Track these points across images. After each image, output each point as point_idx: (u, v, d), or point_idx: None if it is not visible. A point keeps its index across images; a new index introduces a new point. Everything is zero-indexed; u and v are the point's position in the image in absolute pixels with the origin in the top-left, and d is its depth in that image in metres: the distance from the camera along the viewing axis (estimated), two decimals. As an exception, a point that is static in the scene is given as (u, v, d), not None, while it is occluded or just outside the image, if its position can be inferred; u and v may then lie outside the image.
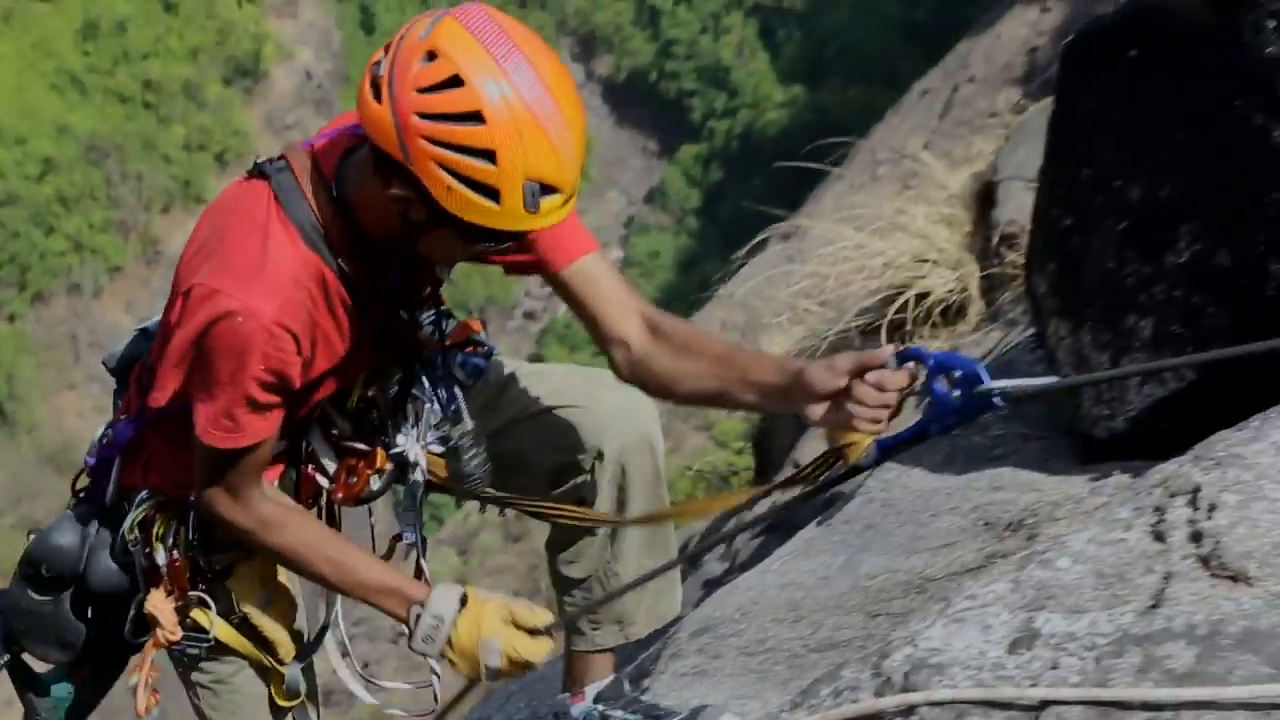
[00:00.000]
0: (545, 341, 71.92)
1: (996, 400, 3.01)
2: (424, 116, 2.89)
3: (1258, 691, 2.28)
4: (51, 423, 54.91)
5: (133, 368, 3.72)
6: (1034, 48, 16.33)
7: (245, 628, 3.51)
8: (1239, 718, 2.27)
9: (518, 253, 3.48)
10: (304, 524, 3.41)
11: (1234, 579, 2.54)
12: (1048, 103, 6.10)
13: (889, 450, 3.23)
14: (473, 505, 4.02)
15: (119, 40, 63.52)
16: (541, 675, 6.06)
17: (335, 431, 3.61)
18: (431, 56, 2.91)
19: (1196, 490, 2.76)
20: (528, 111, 2.91)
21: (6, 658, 3.64)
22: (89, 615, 3.55)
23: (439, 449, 3.66)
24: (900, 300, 7.91)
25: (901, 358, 3.10)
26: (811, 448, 7.70)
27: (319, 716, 3.87)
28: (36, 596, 3.50)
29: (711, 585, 5.82)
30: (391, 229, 3.22)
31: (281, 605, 3.63)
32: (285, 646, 3.58)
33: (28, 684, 3.68)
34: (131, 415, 3.55)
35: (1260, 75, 4.27)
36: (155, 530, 3.44)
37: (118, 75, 63.05)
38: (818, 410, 3.14)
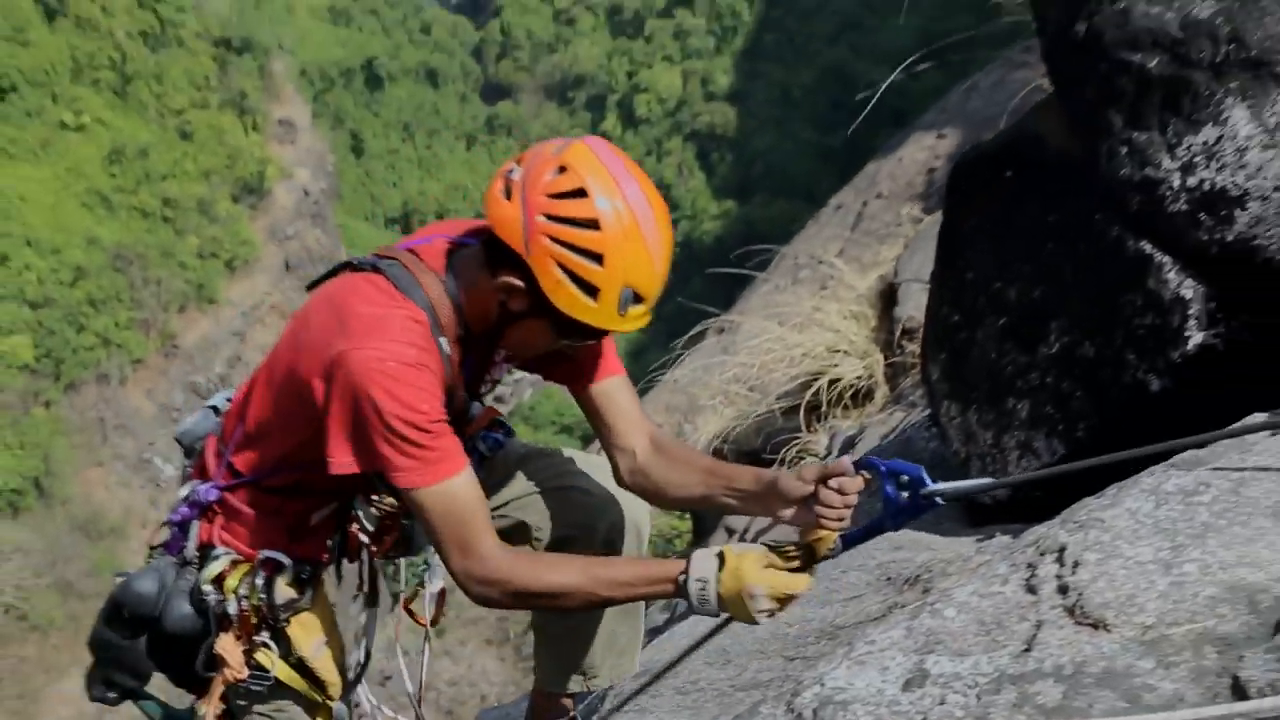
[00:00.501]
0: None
1: (939, 500, 3.13)
2: (549, 217, 2.96)
3: (1115, 723, 2.30)
4: (82, 496, 54.39)
5: (203, 440, 3.70)
6: (932, 169, 16.46)
7: (301, 668, 3.49)
8: (1100, 749, 2.29)
9: (564, 363, 3.54)
10: (551, 560, 3.44)
11: (1094, 626, 2.55)
12: (940, 215, 6.16)
13: (851, 542, 3.28)
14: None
15: (141, 164, 63.46)
16: (508, 714, 6.04)
17: (375, 495, 3.54)
18: (562, 170, 3.00)
19: (1063, 549, 2.78)
20: (636, 228, 3.00)
21: (114, 695, 3.65)
22: (161, 652, 3.54)
23: None
24: (816, 385, 7.97)
25: (858, 466, 3.17)
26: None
27: None
28: (116, 635, 3.51)
29: (653, 633, 5.80)
30: (487, 319, 3.27)
31: (333, 650, 3.61)
32: (334, 685, 3.58)
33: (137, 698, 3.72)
34: (214, 480, 3.52)
35: (1116, 195, 4.33)
36: (228, 583, 3.41)
37: (140, 194, 62.96)
38: (789, 512, 3.24)
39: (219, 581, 3.43)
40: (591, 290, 3.00)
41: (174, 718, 3.78)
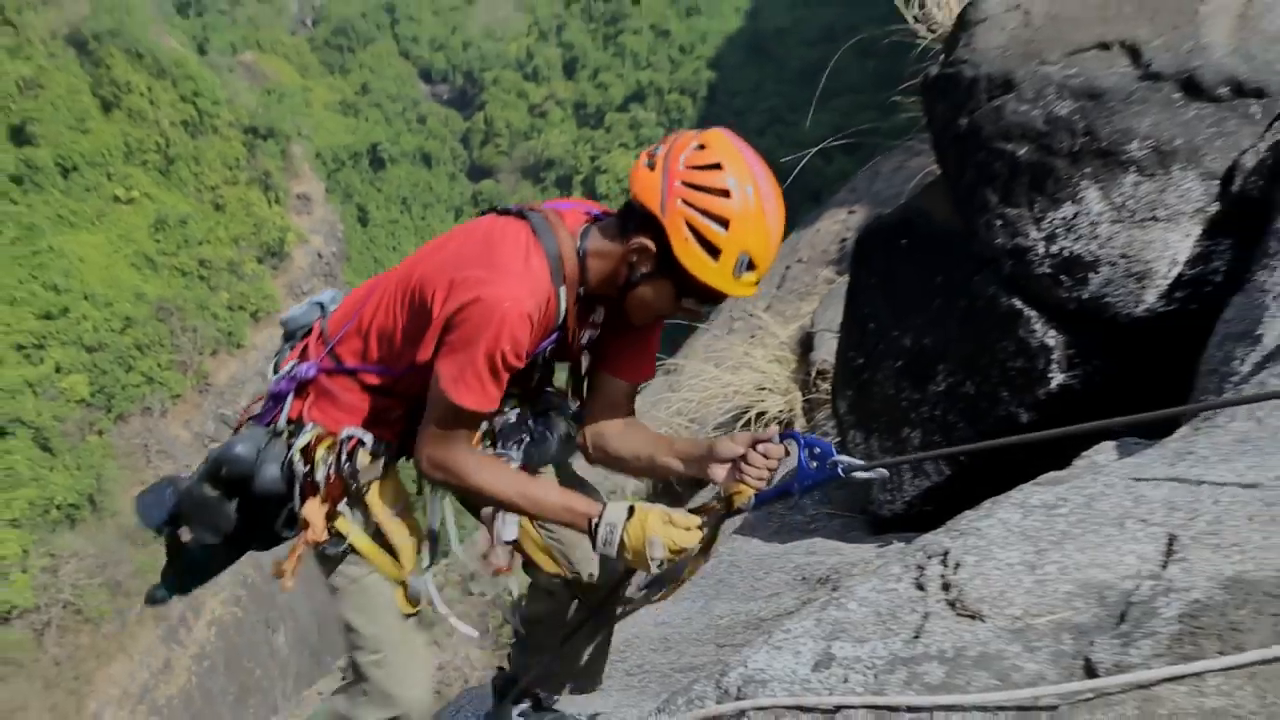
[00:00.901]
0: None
1: (840, 471, 3.09)
2: (686, 184, 2.90)
3: (988, 698, 2.31)
4: (128, 510, 53.96)
5: (306, 329, 3.57)
6: (843, 238, 16.51)
7: (377, 538, 3.34)
8: (975, 717, 2.31)
9: (625, 352, 3.45)
10: (496, 467, 3.24)
11: (972, 617, 2.56)
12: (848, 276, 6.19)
13: (762, 501, 3.21)
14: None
15: (181, 231, 63.25)
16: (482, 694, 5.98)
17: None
18: (701, 147, 2.95)
19: (946, 553, 2.78)
20: (760, 203, 2.93)
21: (168, 530, 3.50)
22: (247, 511, 3.39)
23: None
24: (746, 417, 7.96)
25: (782, 437, 3.17)
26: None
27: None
28: (210, 491, 3.38)
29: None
30: (610, 280, 3.17)
31: (407, 522, 3.43)
32: (407, 557, 3.37)
33: (174, 552, 3.55)
34: (313, 363, 3.41)
35: (991, 260, 4.37)
36: (316, 454, 3.30)
37: (180, 256, 62.74)
38: (720, 471, 3.20)
39: (307, 452, 3.32)
40: (714, 251, 2.92)
41: (207, 573, 3.66)
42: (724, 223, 2.90)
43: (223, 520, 3.41)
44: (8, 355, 53.69)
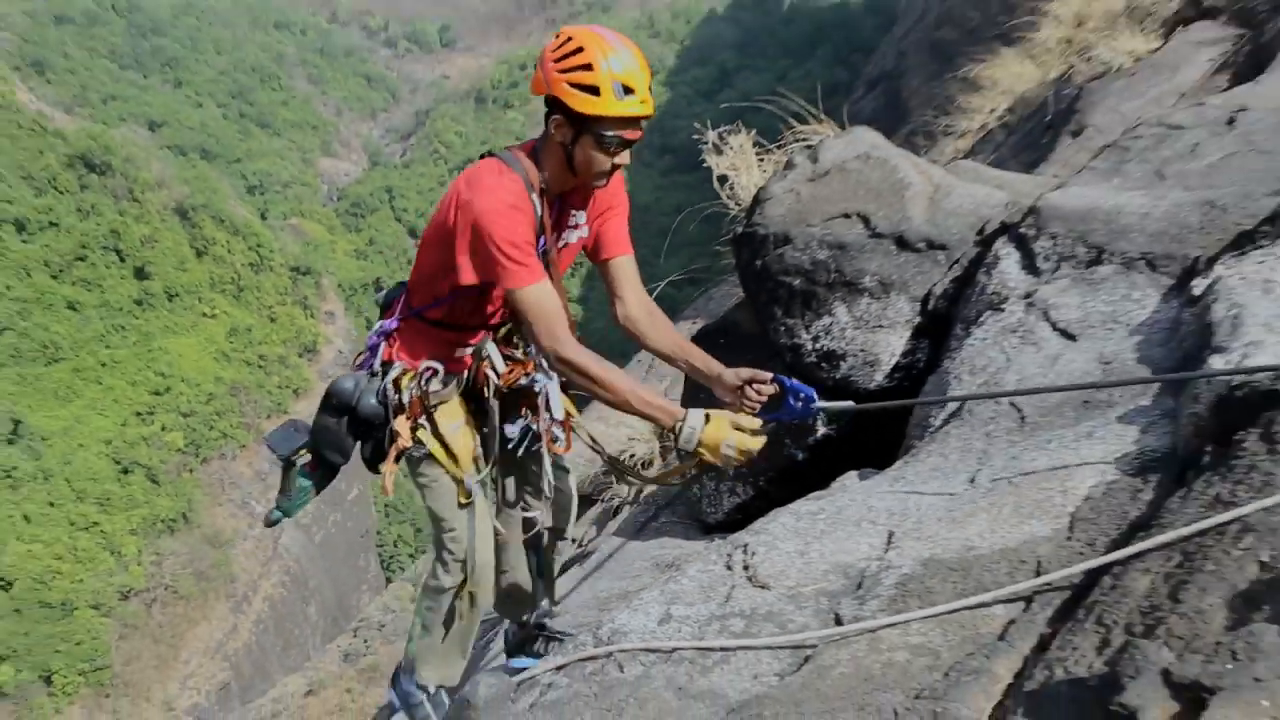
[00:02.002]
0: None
1: (815, 408, 2.89)
2: (554, 60, 2.66)
3: (772, 640, 2.30)
4: (209, 523, 53.02)
5: (393, 300, 3.27)
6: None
7: (443, 444, 3.10)
8: (764, 656, 2.30)
9: (606, 230, 3.11)
10: (602, 361, 2.89)
11: (763, 587, 2.57)
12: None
13: (763, 419, 2.93)
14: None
15: (247, 336, 62.22)
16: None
17: (503, 348, 3.22)
18: (555, 36, 2.72)
19: (747, 545, 2.79)
20: (607, 42, 2.64)
21: (307, 455, 3.23)
22: (354, 430, 3.14)
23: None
24: (622, 457, 7.90)
25: (774, 379, 2.95)
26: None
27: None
28: (332, 420, 3.14)
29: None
30: (561, 170, 2.86)
31: (466, 434, 3.17)
32: (465, 462, 3.12)
33: (288, 482, 3.27)
34: (393, 317, 3.18)
35: (777, 352, 4.42)
36: (401, 383, 3.08)
37: (246, 353, 61.64)
38: (727, 395, 2.99)
39: (396, 383, 3.10)
40: (594, 89, 2.62)
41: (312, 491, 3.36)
42: (588, 67, 2.63)
43: (345, 443, 3.19)
44: (130, 419, 54.14)
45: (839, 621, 2.29)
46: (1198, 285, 2.90)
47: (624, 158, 2.80)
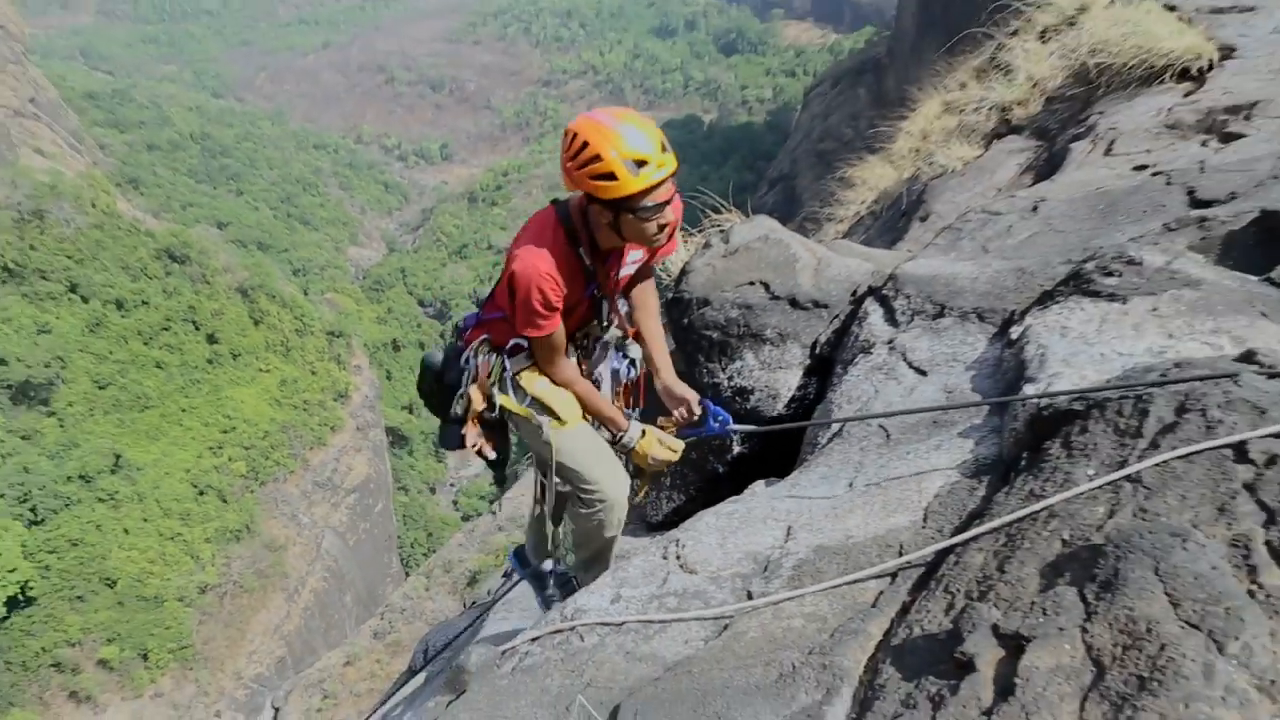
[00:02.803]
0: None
1: (730, 428, 2.91)
2: (572, 162, 2.38)
3: (701, 613, 2.27)
4: (266, 532, 52.10)
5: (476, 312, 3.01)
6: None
7: (536, 404, 2.78)
8: (693, 626, 2.26)
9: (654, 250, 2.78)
10: (579, 377, 2.78)
11: (692, 572, 2.53)
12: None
13: (685, 434, 2.91)
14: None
15: (294, 386, 60.77)
16: (452, 625, 5.59)
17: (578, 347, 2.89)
18: (565, 136, 2.43)
19: (679, 539, 2.75)
20: (609, 130, 2.34)
21: (456, 443, 2.90)
22: (447, 394, 2.86)
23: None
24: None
25: (702, 403, 2.91)
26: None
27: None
28: (425, 382, 2.94)
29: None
30: (613, 238, 2.58)
31: (561, 391, 2.78)
32: (569, 412, 2.78)
33: (443, 418, 2.97)
34: (478, 312, 2.89)
35: (701, 389, 4.39)
36: (478, 359, 2.81)
37: (294, 399, 60.15)
38: (665, 401, 2.93)
39: (475, 357, 2.84)
40: (610, 176, 2.34)
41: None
42: (598, 158, 2.35)
43: (443, 406, 2.92)
44: (205, 453, 53.26)
45: (750, 597, 2.27)
46: (1014, 331, 2.95)
47: (667, 214, 2.49)
